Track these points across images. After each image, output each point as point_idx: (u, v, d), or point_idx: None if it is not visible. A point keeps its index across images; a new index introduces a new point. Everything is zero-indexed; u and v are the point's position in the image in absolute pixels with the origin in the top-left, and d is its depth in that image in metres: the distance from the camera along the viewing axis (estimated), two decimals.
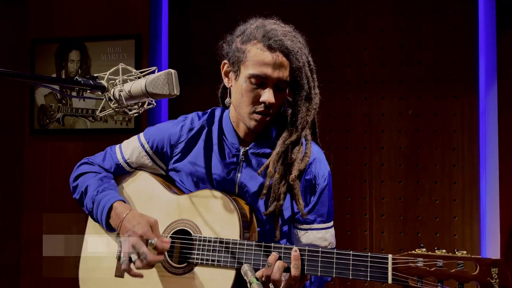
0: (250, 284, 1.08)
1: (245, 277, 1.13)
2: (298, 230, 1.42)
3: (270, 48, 1.29)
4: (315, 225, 1.40)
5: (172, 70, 1.19)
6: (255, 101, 1.32)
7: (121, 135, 1.57)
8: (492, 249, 2.49)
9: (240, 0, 2.81)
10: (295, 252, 1.22)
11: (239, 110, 1.37)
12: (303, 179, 1.39)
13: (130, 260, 1.29)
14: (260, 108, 1.32)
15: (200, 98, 2.74)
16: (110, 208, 1.39)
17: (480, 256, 1.06)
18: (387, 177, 2.67)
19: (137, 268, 1.28)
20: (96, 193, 1.43)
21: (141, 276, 1.31)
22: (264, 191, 1.34)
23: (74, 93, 2.54)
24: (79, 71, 2.83)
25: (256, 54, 1.30)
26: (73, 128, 2.85)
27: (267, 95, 1.30)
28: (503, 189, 2.46)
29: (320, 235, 1.40)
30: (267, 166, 1.35)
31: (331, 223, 1.45)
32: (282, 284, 1.21)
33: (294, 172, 1.33)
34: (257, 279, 1.08)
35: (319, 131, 1.50)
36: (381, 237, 2.66)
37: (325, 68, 2.75)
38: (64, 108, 2.86)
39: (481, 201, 2.56)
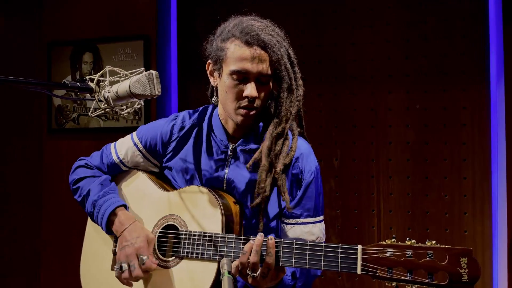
0: (222, 277, 1.12)
1: (221, 270, 1.17)
2: (285, 225, 1.43)
3: (248, 43, 1.32)
4: (302, 220, 1.41)
5: (153, 71, 1.24)
6: (239, 96, 1.35)
7: (132, 132, 1.62)
8: (503, 245, 2.41)
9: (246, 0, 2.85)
10: (270, 240, 1.24)
11: (225, 107, 1.40)
12: (290, 173, 1.40)
13: (121, 268, 1.38)
14: (244, 103, 1.34)
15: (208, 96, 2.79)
16: (112, 213, 1.45)
17: (449, 246, 1.04)
18: (395, 173, 2.63)
19: (123, 278, 1.38)
20: (97, 197, 1.49)
21: (130, 285, 1.40)
22: (259, 186, 1.36)
23: (86, 95, 2.63)
24: (92, 72, 2.94)
25: (235, 50, 1.33)
26: (87, 127, 2.96)
27: (249, 90, 1.33)
28: None
29: (307, 230, 1.40)
30: (256, 160, 1.37)
31: (320, 218, 1.45)
32: (258, 271, 1.23)
33: (279, 166, 1.35)
34: (229, 272, 1.12)
35: (310, 126, 1.51)
36: (389, 233, 2.63)
37: (330, 63, 2.74)
38: (79, 108, 2.98)
39: (492, 196, 2.49)
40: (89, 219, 1.60)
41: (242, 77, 1.33)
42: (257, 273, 1.23)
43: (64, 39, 2.99)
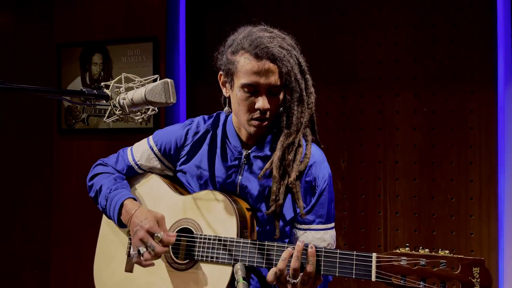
0: (237, 283, 1.14)
1: (235, 275, 1.19)
2: (297, 230, 1.45)
3: (257, 57, 1.33)
4: (314, 226, 1.43)
5: (169, 80, 1.25)
6: (251, 108, 1.37)
7: (141, 134, 1.65)
8: (509, 248, 2.43)
9: (256, 2, 2.87)
10: (311, 249, 1.26)
11: (238, 118, 1.43)
12: (303, 181, 1.43)
13: (139, 252, 1.38)
14: (257, 114, 1.37)
15: (217, 99, 2.81)
16: (121, 205, 1.47)
17: (462, 256, 1.07)
18: (402, 175, 2.65)
19: (145, 260, 1.37)
20: (109, 191, 1.52)
21: (152, 265, 1.39)
22: (273, 197, 1.39)
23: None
24: (102, 73, 2.97)
25: (244, 64, 1.34)
26: (96, 127, 2.99)
27: (261, 102, 1.35)
28: None
29: (319, 236, 1.43)
30: (268, 171, 1.40)
31: (331, 225, 1.48)
32: (299, 278, 1.26)
33: (293, 174, 1.37)
34: (243, 278, 1.14)
35: (318, 128, 1.51)
36: (395, 235, 2.66)
37: (338, 65, 2.76)
38: (88, 109, 3.01)
39: (499, 199, 2.51)
40: (103, 219, 1.63)
41: (253, 89, 1.35)
42: (298, 279, 1.25)
43: (74, 40, 3.02)
